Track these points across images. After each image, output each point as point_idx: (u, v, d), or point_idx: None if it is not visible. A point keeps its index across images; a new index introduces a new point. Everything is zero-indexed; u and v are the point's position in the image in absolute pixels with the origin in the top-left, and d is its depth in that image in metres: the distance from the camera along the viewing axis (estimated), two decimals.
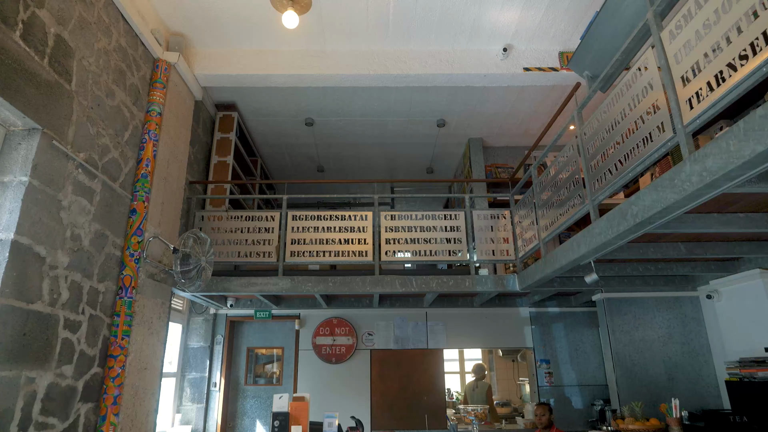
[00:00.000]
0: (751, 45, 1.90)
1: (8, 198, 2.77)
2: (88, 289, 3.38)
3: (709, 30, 2.15)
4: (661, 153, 2.52)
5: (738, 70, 1.97)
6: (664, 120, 2.45)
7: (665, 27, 2.47)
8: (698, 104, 2.20)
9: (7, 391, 2.62)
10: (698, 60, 2.20)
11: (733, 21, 2.01)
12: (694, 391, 4.54)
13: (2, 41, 2.62)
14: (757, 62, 1.87)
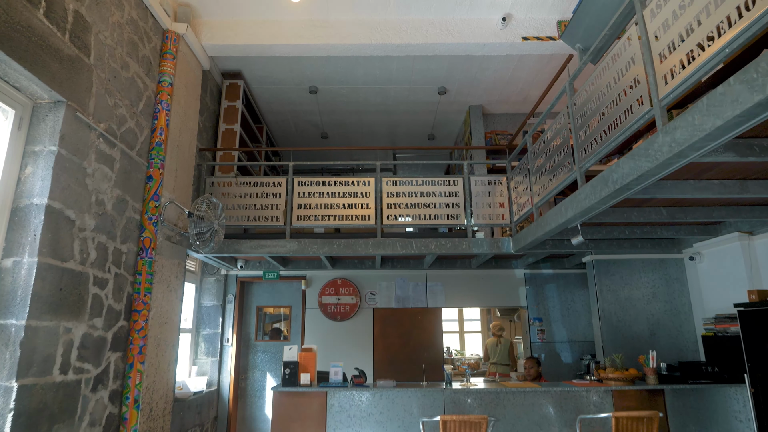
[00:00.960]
0: (717, 27, 2.09)
1: (40, 166, 3.03)
2: (113, 250, 3.68)
3: (683, 11, 2.32)
4: (640, 124, 2.73)
5: (705, 50, 2.16)
6: (643, 93, 2.65)
7: (648, 5, 2.63)
8: (671, 80, 2.40)
9: (49, 338, 2.95)
10: (674, 39, 2.38)
11: (703, 4, 2.18)
12: (674, 346, 4.88)
13: (28, 20, 2.81)
14: (722, 43, 2.06)
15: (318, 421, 3.81)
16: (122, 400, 3.73)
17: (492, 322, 7.08)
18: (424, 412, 3.80)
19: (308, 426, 3.80)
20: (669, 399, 3.91)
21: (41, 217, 2.93)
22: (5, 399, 2.64)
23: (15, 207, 2.95)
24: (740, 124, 2.01)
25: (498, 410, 3.84)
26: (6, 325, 2.74)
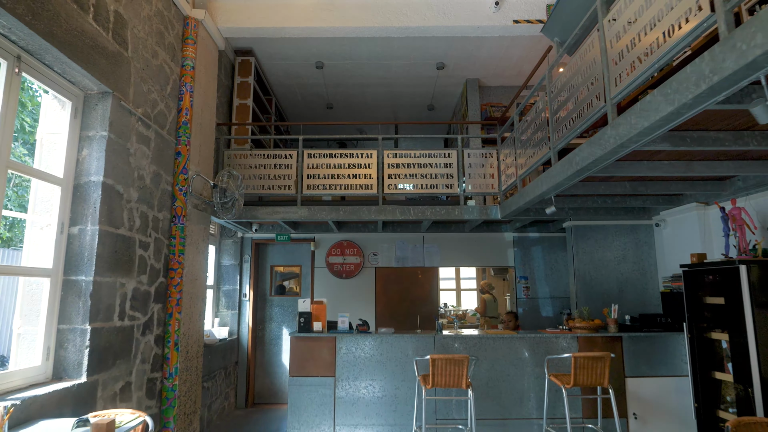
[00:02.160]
0: (654, 42, 2.59)
1: (94, 149, 3.60)
2: (152, 218, 4.30)
3: (630, 26, 2.82)
4: (597, 117, 3.26)
5: (643, 62, 2.67)
6: (599, 92, 3.17)
7: (608, 13, 3.11)
8: (620, 82, 2.92)
9: (110, 291, 3.61)
10: (622, 49, 2.89)
11: (643, 24, 2.68)
12: (639, 301, 5.55)
13: (81, 25, 3.31)
14: (655, 57, 2.57)
15: (328, 361, 4.54)
16: (164, 343, 4.45)
17: (482, 281, 7.76)
18: (417, 353, 4.51)
19: (320, 365, 4.53)
20: (626, 344, 4.60)
21: (99, 192, 3.53)
22: (82, 338, 3.33)
23: (77, 184, 3.55)
24: (661, 126, 2.56)
25: (480, 352, 4.55)
26: (78, 281, 3.39)
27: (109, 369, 3.58)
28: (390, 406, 4.48)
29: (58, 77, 3.37)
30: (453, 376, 3.91)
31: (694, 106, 2.29)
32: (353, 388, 4.51)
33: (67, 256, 3.44)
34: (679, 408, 4.47)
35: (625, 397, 4.53)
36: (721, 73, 2.01)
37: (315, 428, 4.46)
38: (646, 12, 2.65)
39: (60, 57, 3.12)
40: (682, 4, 2.31)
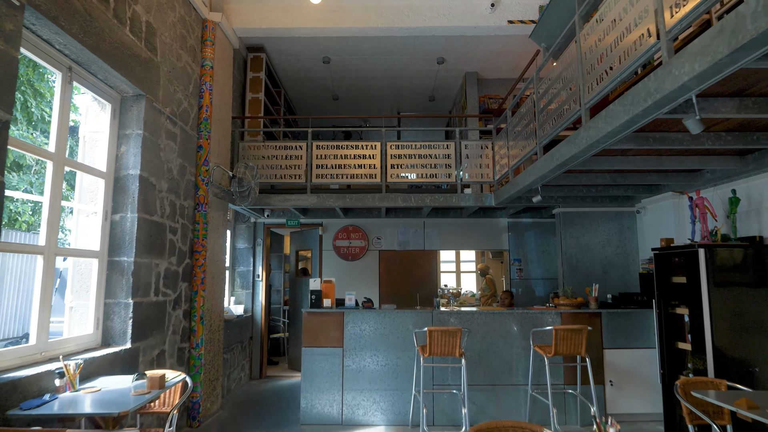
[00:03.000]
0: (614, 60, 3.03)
1: (131, 145, 4.08)
2: (179, 206, 4.80)
3: (598, 45, 3.25)
4: (575, 118, 3.70)
5: (600, 83, 3.11)
6: (575, 98, 3.61)
7: (583, 28, 3.54)
8: (591, 91, 3.36)
9: (147, 270, 4.13)
10: (593, 63, 3.32)
11: (611, 40, 3.11)
12: (621, 281, 6.04)
13: (120, 37, 3.77)
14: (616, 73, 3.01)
15: (337, 334, 5.07)
16: (191, 317, 4.99)
17: (480, 264, 8.26)
18: (416, 326, 5.03)
19: (330, 337, 5.07)
20: (605, 319, 5.10)
21: (136, 184, 4.03)
22: (126, 311, 3.86)
23: (117, 176, 4.04)
24: (622, 131, 3.02)
25: (473, 326, 5.07)
26: (121, 261, 3.91)
27: (148, 338, 4.12)
28: (392, 374, 5.02)
29: (100, 83, 3.84)
30: (447, 346, 4.44)
31: (645, 116, 2.75)
32: (359, 358, 5.05)
33: (111, 240, 3.95)
34: (649, 375, 4.99)
35: (603, 366, 5.05)
36: (662, 92, 2.46)
37: (325, 392, 5.02)
38: (610, 33, 3.08)
39: (104, 66, 3.59)
40: (638, 29, 2.75)
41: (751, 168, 4.08)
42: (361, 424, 4.97)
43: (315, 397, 5.03)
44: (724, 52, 2.00)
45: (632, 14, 2.79)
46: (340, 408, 5.02)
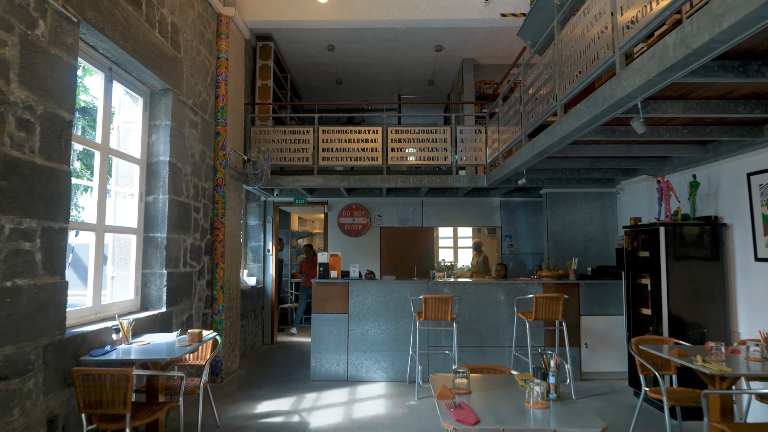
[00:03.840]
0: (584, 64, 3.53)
1: (161, 135, 4.61)
2: (201, 187, 5.35)
3: (570, 49, 3.73)
4: (552, 112, 4.20)
5: (571, 84, 3.60)
6: (551, 95, 4.11)
7: (561, 32, 4.01)
8: (563, 91, 3.85)
9: (176, 245, 4.71)
10: (569, 64, 3.81)
11: (576, 52, 3.59)
12: (601, 256, 6.62)
13: (151, 39, 4.25)
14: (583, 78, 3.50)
15: (343, 301, 5.69)
16: (212, 286, 5.60)
17: (475, 239, 8.84)
18: (413, 295, 5.63)
19: (337, 304, 5.68)
20: (582, 290, 5.69)
21: (166, 169, 4.57)
22: (161, 280, 4.46)
23: (149, 162, 4.58)
24: (587, 126, 3.53)
25: (464, 295, 5.67)
26: (156, 237, 4.49)
27: (179, 303, 4.73)
28: (392, 336, 5.66)
29: (133, 80, 4.34)
30: (440, 312, 5.04)
31: (604, 116, 3.27)
32: (363, 323, 5.67)
33: (146, 218, 4.52)
34: (619, 338, 5.61)
35: (580, 331, 5.67)
36: (614, 98, 2.97)
37: (333, 354, 5.66)
38: (580, 41, 3.57)
39: (139, 66, 4.09)
40: (600, 41, 3.24)
41: (710, 156, 4.60)
42: (365, 380, 5.63)
43: (323, 357, 5.68)
44: (654, 71, 2.51)
45: (595, 29, 3.28)
46: (346, 366, 5.68)
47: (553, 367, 2.43)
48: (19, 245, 2.69)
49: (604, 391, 5.26)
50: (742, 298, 4.37)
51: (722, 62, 2.72)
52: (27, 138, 2.76)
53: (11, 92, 2.65)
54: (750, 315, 4.27)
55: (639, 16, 2.67)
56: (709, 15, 2.08)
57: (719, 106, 3.36)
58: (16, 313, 2.65)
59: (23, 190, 2.72)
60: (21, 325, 2.69)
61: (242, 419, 4.42)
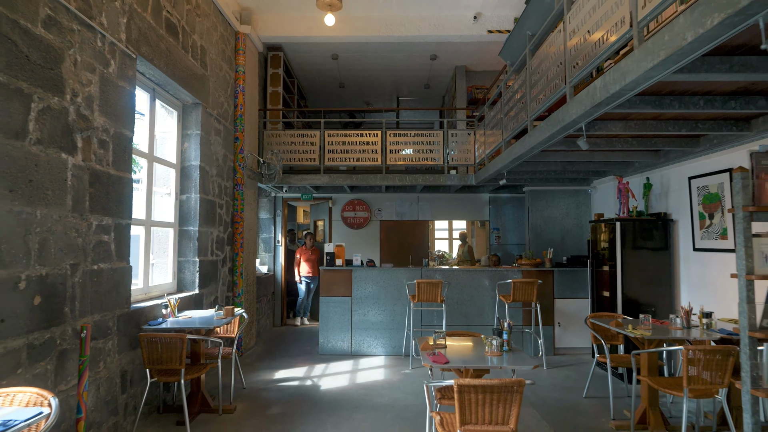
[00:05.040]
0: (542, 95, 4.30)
1: (192, 143, 5.39)
2: (223, 186, 6.14)
3: (540, 70, 4.50)
4: (525, 126, 4.98)
5: (538, 104, 4.37)
6: (524, 110, 4.89)
7: (533, 56, 4.78)
8: (534, 108, 4.63)
9: (205, 237, 5.51)
10: (539, 82, 4.58)
11: (543, 76, 4.36)
12: (575, 247, 7.43)
13: (185, 62, 5.02)
14: (544, 103, 4.27)
15: (347, 285, 6.51)
16: (233, 273, 6.41)
17: (460, 232, 9.65)
18: (408, 280, 6.45)
19: (342, 288, 6.51)
20: (556, 276, 6.51)
21: (197, 172, 5.36)
22: (194, 266, 5.27)
23: (182, 166, 5.37)
24: (550, 140, 4.32)
25: (452, 280, 6.49)
26: (189, 230, 5.29)
27: (208, 286, 5.55)
28: (389, 316, 6.48)
29: (170, 97, 5.12)
30: (431, 294, 5.86)
31: (559, 134, 4.06)
32: (364, 305, 6.50)
33: (180, 214, 5.32)
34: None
35: (554, 312, 6.50)
36: (564, 121, 3.76)
37: (338, 331, 6.50)
38: (545, 70, 4.34)
39: (176, 86, 4.87)
40: (557, 73, 4.01)
41: (662, 161, 5.40)
42: (366, 354, 6.48)
43: (330, 335, 6.52)
44: (588, 105, 3.30)
45: (554, 62, 4.06)
46: (350, 343, 6.52)
47: (506, 327, 3.24)
48: (101, 237, 3.49)
49: (573, 363, 6.10)
50: (684, 281, 5.19)
51: (642, 97, 3.51)
52: (104, 154, 3.56)
53: (94, 119, 3.44)
54: (689, 295, 5.09)
55: (580, 63, 3.46)
56: (618, 71, 2.87)
57: (653, 126, 4.16)
58: (100, 290, 3.47)
59: (103, 195, 3.52)
60: (103, 299, 3.51)
61: (263, 383, 5.25)
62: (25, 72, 2.76)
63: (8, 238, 2.63)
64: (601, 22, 3.14)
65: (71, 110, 3.17)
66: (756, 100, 3.46)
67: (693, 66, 2.70)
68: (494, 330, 3.34)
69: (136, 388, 3.97)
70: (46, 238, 2.92)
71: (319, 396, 4.82)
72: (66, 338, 3.10)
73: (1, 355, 2.58)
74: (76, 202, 3.20)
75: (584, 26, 3.41)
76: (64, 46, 3.11)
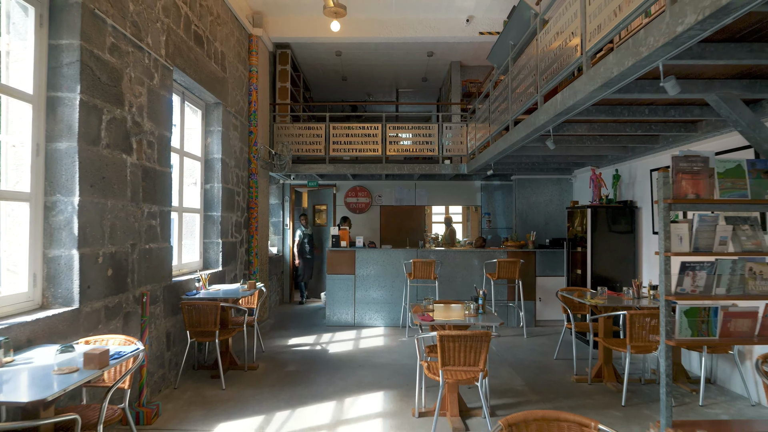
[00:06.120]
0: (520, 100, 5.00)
1: (214, 138, 6.10)
2: (240, 176, 6.87)
3: (519, 77, 5.19)
4: (504, 127, 5.67)
5: (518, 107, 5.07)
6: (507, 111, 5.59)
7: (513, 64, 5.46)
8: (514, 110, 5.33)
9: (227, 221, 6.25)
10: (519, 88, 5.28)
11: (521, 82, 5.05)
12: (558, 230, 8.18)
13: (209, 67, 5.70)
14: (521, 105, 4.98)
15: (350, 264, 7.28)
16: (249, 253, 7.17)
17: (445, 217, 10.41)
18: (405, 259, 7.22)
19: (346, 267, 7.28)
20: (538, 256, 7.28)
21: (219, 164, 6.08)
22: (218, 247, 6.03)
23: (206, 159, 6.09)
24: (526, 139, 5.03)
25: (445, 260, 7.26)
26: (212, 215, 6.04)
27: (229, 265, 6.32)
28: (388, 292, 7.27)
29: (196, 98, 5.82)
30: (426, 272, 6.64)
31: (533, 134, 4.77)
32: (366, 281, 7.28)
33: (205, 201, 6.06)
34: None
35: (535, 288, 7.29)
36: (535, 125, 4.47)
37: (342, 306, 7.29)
38: (522, 78, 5.03)
39: (201, 89, 5.56)
40: (531, 83, 4.70)
41: (629, 155, 6.12)
42: (368, 325, 7.29)
43: (335, 308, 7.32)
44: (552, 114, 4.02)
45: (529, 72, 4.76)
46: (353, 315, 7.32)
47: (481, 295, 4.02)
48: (150, 222, 4.24)
49: (550, 333, 6.90)
50: (645, 260, 5.96)
51: (598, 107, 4.22)
52: (151, 153, 4.28)
53: (144, 124, 4.16)
54: (649, 272, 5.87)
55: (546, 78, 4.16)
56: (572, 90, 3.59)
57: (613, 128, 4.88)
58: (150, 265, 4.23)
59: (151, 187, 4.25)
60: (153, 273, 4.27)
61: (279, 348, 6.06)
62: (98, 91, 3.48)
63: (91, 223, 3.38)
64: (563, 46, 3.84)
65: (128, 118, 3.89)
66: (691, 110, 4.17)
67: (627, 87, 3.41)
68: (472, 297, 4.11)
69: (178, 347, 4.77)
70: (114, 223, 3.67)
71: (328, 357, 5.63)
72: (129, 303, 3.87)
73: (89, 313, 3.35)
74: (133, 194, 3.95)
75: (550, 47, 4.10)
76: (123, 66, 3.82)
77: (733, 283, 3.46)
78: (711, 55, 2.74)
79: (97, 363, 2.31)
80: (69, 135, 3.25)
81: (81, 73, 3.27)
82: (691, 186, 3.47)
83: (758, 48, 2.72)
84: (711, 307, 3.41)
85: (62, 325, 3.09)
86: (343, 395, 4.36)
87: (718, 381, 4.70)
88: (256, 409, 4.01)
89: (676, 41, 2.36)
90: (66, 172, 3.25)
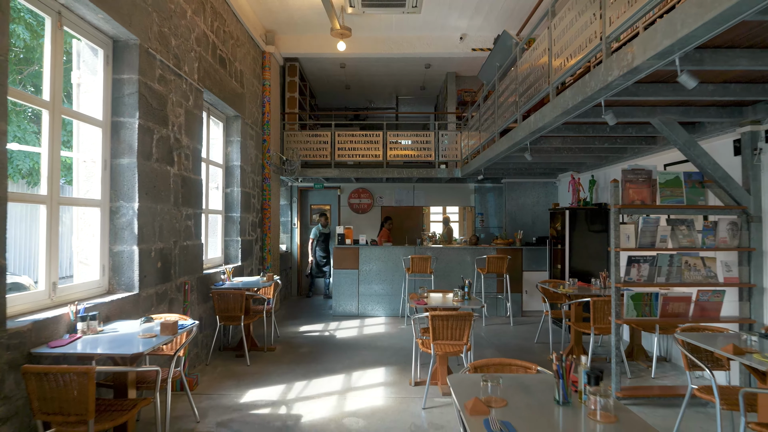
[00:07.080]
0: (504, 114, 5.74)
1: (234, 147, 6.85)
2: (255, 180, 7.62)
3: (505, 100, 5.93)
4: (494, 136, 6.42)
5: (503, 121, 5.81)
6: (494, 124, 6.33)
7: (500, 83, 6.20)
8: (499, 125, 6.07)
9: (245, 221, 7.00)
10: (503, 107, 6.02)
11: (507, 97, 5.80)
12: (543, 229, 8.93)
13: (230, 85, 6.44)
14: (505, 119, 5.72)
15: (354, 259, 8.04)
16: (263, 250, 7.93)
17: (443, 216, 11.17)
18: (404, 255, 7.98)
19: (350, 262, 8.04)
20: (525, 253, 8.03)
21: (238, 171, 6.83)
22: (237, 244, 6.78)
23: (226, 166, 6.84)
24: (509, 150, 5.78)
25: (440, 256, 8.02)
26: (233, 216, 6.79)
27: (246, 260, 7.07)
28: (389, 284, 8.03)
29: (218, 112, 6.57)
30: (423, 266, 7.39)
31: (515, 146, 5.52)
32: (369, 275, 8.04)
33: (226, 204, 6.81)
34: None
35: (522, 282, 8.04)
36: (516, 138, 5.22)
37: (347, 297, 8.05)
38: (507, 94, 5.78)
39: (223, 105, 6.31)
40: (512, 103, 5.44)
41: (604, 163, 6.87)
42: (370, 316, 8.05)
43: (341, 300, 8.08)
44: (527, 131, 4.76)
45: (512, 92, 5.51)
46: (357, 306, 8.08)
47: (467, 284, 4.78)
48: (187, 223, 5.00)
49: (535, 322, 7.65)
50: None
51: (567, 125, 4.97)
52: (187, 165, 5.03)
53: (182, 140, 4.91)
54: None
55: (524, 99, 4.91)
56: (541, 114, 4.34)
57: (584, 141, 5.63)
58: (187, 259, 4.99)
59: (187, 193, 5.01)
60: (189, 266, 5.03)
61: (292, 334, 6.83)
62: (150, 115, 4.23)
63: (146, 224, 4.13)
64: (536, 75, 4.58)
65: (171, 136, 4.64)
66: (646, 128, 4.93)
67: (584, 114, 4.15)
68: (459, 286, 4.87)
69: (207, 330, 5.53)
70: (162, 224, 4.43)
71: (336, 341, 6.39)
72: (172, 291, 4.63)
73: (145, 297, 4.11)
74: (175, 199, 4.70)
75: (527, 75, 4.85)
76: (167, 92, 4.57)
77: (671, 273, 4.23)
78: (642, 93, 3.50)
79: (170, 330, 3.07)
80: (130, 152, 4.01)
81: (139, 101, 4.03)
82: (638, 194, 4.24)
83: (679, 87, 3.47)
84: (653, 293, 4.19)
85: (127, 306, 3.85)
86: (351, 370, 5.13)
87: (672, 359, 5.46)
88: (278, 380, 4.78)
89: (608, 87, 3.12)
90: (127, 183, 4.01)
